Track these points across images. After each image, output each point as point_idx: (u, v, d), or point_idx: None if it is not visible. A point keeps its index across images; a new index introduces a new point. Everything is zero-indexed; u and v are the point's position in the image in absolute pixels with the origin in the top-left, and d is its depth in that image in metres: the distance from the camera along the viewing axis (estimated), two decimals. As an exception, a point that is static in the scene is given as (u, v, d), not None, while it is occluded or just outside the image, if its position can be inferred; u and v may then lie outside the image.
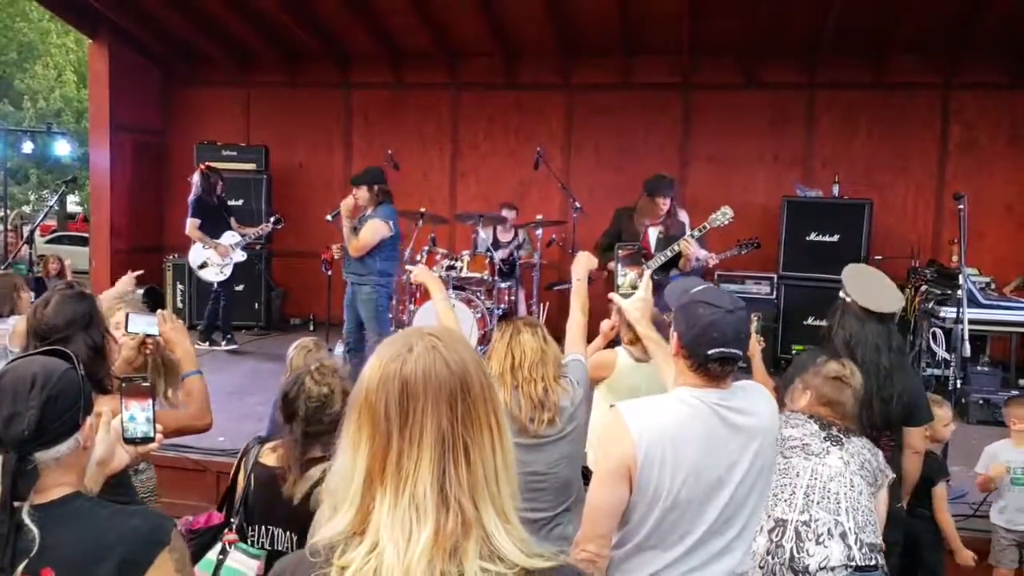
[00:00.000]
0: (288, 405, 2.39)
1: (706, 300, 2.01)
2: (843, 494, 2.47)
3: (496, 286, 6.83)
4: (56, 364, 1.52)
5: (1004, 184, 7.59)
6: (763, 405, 2.09)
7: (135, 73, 8.82)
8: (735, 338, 1.97)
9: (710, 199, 7.85)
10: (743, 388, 2.08)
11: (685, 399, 1.99)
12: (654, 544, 1.96)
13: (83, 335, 2.29)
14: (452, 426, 1.08)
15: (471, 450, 1.08)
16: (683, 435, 1.94)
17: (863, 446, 2.63)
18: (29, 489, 1.44)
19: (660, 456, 1.91)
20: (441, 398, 1.08)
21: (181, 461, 4.68)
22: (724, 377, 2.01)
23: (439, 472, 1.06)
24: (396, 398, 1.08)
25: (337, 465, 1.13)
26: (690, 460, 1.93)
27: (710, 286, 2.16)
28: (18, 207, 23.39)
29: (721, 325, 1.96)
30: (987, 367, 6.21)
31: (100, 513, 1.50)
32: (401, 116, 8.86)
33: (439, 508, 1.05)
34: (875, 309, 3.05)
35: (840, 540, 2.40)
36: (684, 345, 2.01)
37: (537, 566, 1.06)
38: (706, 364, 1.97)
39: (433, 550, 1.03)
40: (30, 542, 1.41)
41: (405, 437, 1.07)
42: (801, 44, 7.69)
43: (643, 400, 2.09)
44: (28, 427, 1.43)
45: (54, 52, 23.08)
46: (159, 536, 1.49)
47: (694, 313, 2.00)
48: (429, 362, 1.09)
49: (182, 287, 8.40)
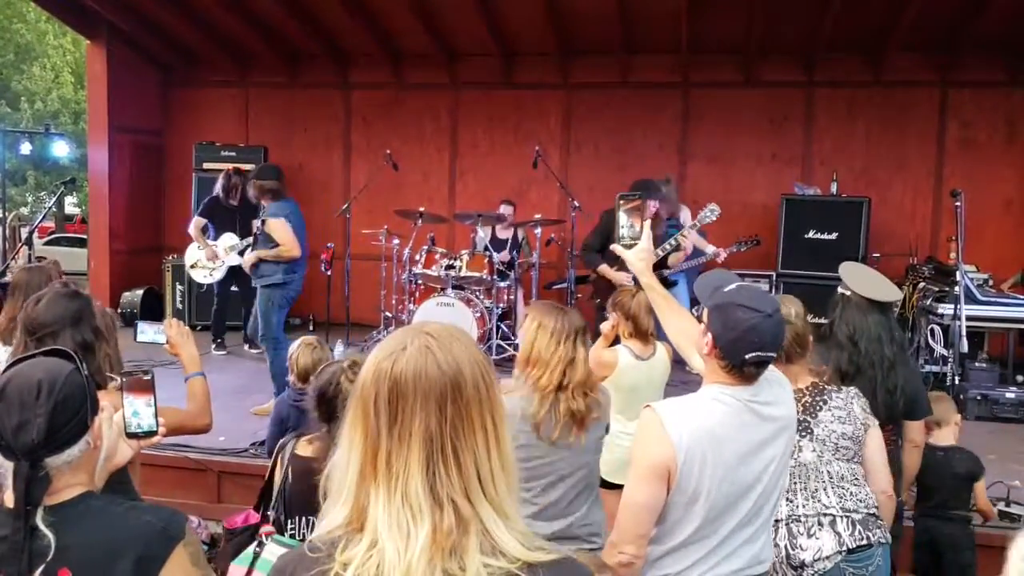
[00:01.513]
0: (326, 404, 2.38)
1: (745, 303, 1.96)
2: (822, 488, 2.49)
3: (495, 285, 6.84)
4: (60, 367, 1.50)
5: (1002, 181, 7.61)
6: (787, 395, 2.10)
7: (133, 74, 8.81)
8: (772, 342, 1.96)
9: (709, 197, 7.83)
10: (767, 380, 2.06)
11: (719, 397, 1.98)
12: (693, 541, 1.97)
13: (71, 331, 2.32)
14: (440, 428, 1.07)
15: (461, 453, 1.07)
16: (721, 434, 1.94)
17: (833, 416, 2.54)
18: (42, 494, 1.43)
19: (700, 457, 1.91)
20: (430, 399, 1.07)
21: (181, 461, 4.68)
22: (757, 377, 2.00)
23: (428, 472, 1.06)
24: (385, 397, 1.08)
25: (335, 458, 1.14)
26: (728, 458, 1.94)
27: (745, 284, 2.12)
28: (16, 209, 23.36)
29: (761, 330, 1.93)
30: (985, 363, 6.23)
31: (113, 511, 1.50)
32: (400, 116, 8.86)
33: (433, 507, 1.05)
34: (878, 298, 3.06)
35: (830, 528, 2.43)
36: (720, 347, 1.97)
37: (539, 559, 1.06)
38: (742, 367, 1.95)
39: (432, 548, 1.03)
40: (45, 546, 1.40)
41: (394, 436, 1.07)
42: (800, 42, 7.70)
43: (678, 400, 2.06)
44: (38, 435, 1.41)
45: (51, 53, 23.06)
46: (173, 531, 1.50)
47: (732, 316, 1.95)
48: (420, 362, 1.08)
49: (181, 288, 8.40)
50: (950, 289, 6.02)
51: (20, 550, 1.39)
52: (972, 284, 6.16)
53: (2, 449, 1.43)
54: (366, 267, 8.00)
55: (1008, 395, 5.83)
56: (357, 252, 7.75)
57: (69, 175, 12.30)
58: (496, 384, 1.14)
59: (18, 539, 1.39)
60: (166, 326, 2.66)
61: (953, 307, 5.36)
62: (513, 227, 7.52)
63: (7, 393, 1.45)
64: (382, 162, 7.75)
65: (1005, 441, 5.19)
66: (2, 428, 1.42)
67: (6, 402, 1.44)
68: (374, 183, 7.91)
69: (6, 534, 1.41)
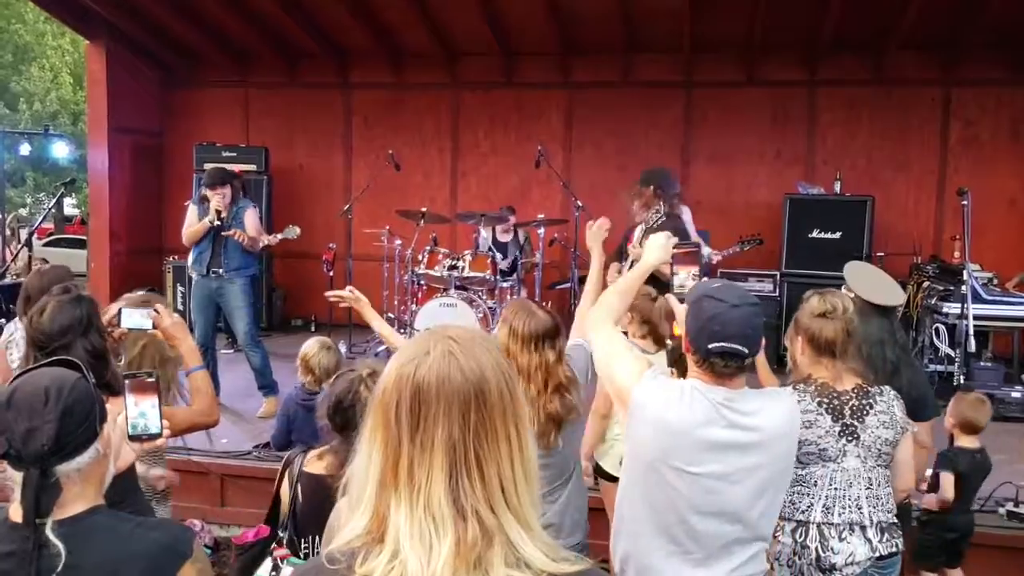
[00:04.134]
0: (342, 413, 2.27)
1: (712, 294, 1.99)
2: (863, 496, 2.46)
3: (498, 285, 6.82)
4: (67, 375, 1.49)
5: (1005, 180, 7.59)
6: (780, 410, 2.05)
7: (133, 74, 8.78)
8: (738, 333, 1.93)
9: (712, 197, 7.88)
10: (760, 393, 2.05)
11: (695, 385, 2.01)
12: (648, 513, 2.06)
13: (82, 341, 2.22)
14: (464, 436, 1.03)
15: (484, 462, 1.04)
16: (672, 417, 1.99)
17: (879, 422, 2.48)
18: (52, 503, 1.41)
19: (647, 418, 2.01)
20: (454, 407, 1.03)
21: (184, 464, 4.64)
22: (731, 375, 1.98)
23: (451, 482, 1.03)
24: (408, 404, 1.04)
25: (354, 466, 1.11)
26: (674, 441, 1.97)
27: (725, 282, 2.13)
28: (15, 210, 23.34)
29: (723, 319, 1.93)
30: (990, 362, 6.21)
31: (121, 527, 1.49)
32: (401, 116, 8.83)
33: (455, 518, 1.02)
34: (880, 303, 3.03)
35: (861, 533, 2.41)
36: (690, 339, 2.01)
37: (564, 571, 1.04)
38: (708, 358, 1.95)
39: (456, 561, 1.00)
40: (55, 558, 1.38)
41: (416, 444, 1.04)
42: (802, 41, 7.68)
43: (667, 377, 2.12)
44: (47, 441, 1.39)
45: (50, 54, 23.02)
46: (181, 549, 1.49)
47: (699, 306, 1.99)
48: (444, 369, 1.05)
49: (182, 289, 8.37)
50: (955, 288, 6.01)
51: (28, 563, 1.36)
52: (977, 283, 6.14)
53: (11, 458, 1.41)
54: (368, 268, 7.97)
55: (1014, 394, 5.81)
56: (359, 253, 7.73)
57: (68, 176, 12.26)
58: (519, 390, 1.10)
59: (26, 551, 1.36)
60: (157, 316, 2.52)
61: (958, 306, 5.34)
62: (514, 229, 7.49)
63: (15, 401, 1.43)
64: (383, 162, 7.73)
65: (1011, 441, 5.16)
66: (11, 436, 1.40)
67: (14, 410, 1.42)
68: (375, 184, 7.88)
69: (13, 548, 1.38)
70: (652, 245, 2.48)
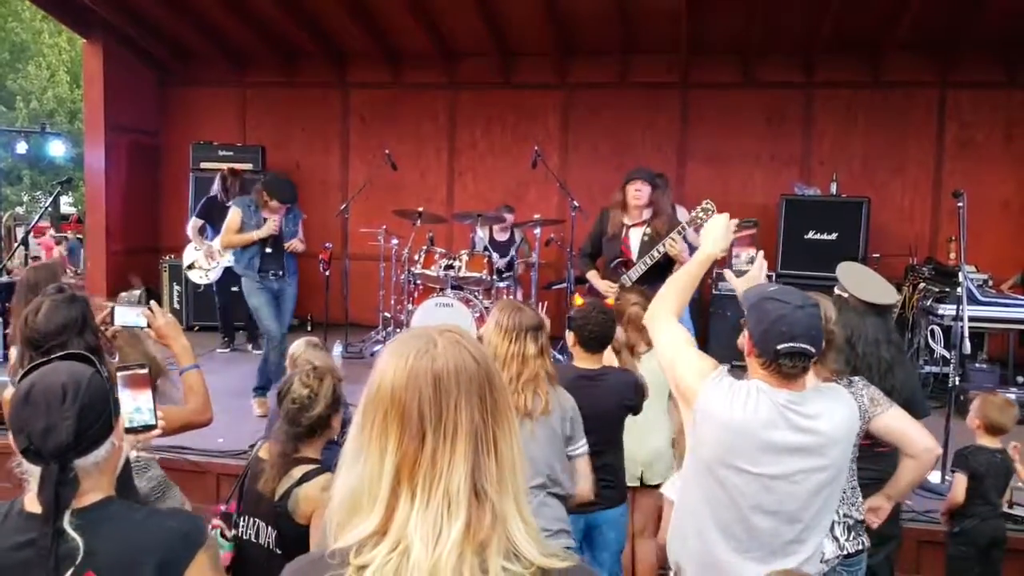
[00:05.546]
0: (280, 403, 2.43)
1: (774, 296, 2.02)
2: (829, 502, 2.47)
3: (494, 285, 6.82)
4: (82, 370, 1.51)
5: (1001, 182, 7.61)
6: (840, 415, 2.07)
7: (130, 73, 8.77)
8: (805, 333, 1.95)
9: (708, 197, 7.80)
10: (821, 392, 2.06)
11: (760, 388, 2.03)
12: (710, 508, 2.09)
13: (78, 340, 2.23)
14: (484, 419, 1.07)
15: (499, 442, 1.08)
16: (738, 419, 2.00)
17: None
18: (71, 497, 1.44)
19: (711, 419, 2.03)
20: (472, 391, 1.07)
21: (180, 463, 4.64)
22: (796, 376, 2.00)
23: (472, 466, 1.05)
24: (430, 395, 1.06)
25: (356, 473, 1.08)
26: (737, 443, 1.99)
27: (784, 286, 2.16)
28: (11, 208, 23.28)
29: (789, 319, 1.95)
30: (985, 364, 6.23)
31: (135, 516, 1.52)
32: (398, 116, 8.83)
33: (471, 502, 1.04)
34: (874, 301, 3.05)
35: (829, 533, 2.43)
36: (755, 341, 2.01)
37: (553, 566, 1.06)
38: (776, 360, 1.97)
39: (464, 543, 1.02)
40: (73, 548, 1.41)
41: (440, 433, 1.06)
42: (798, 43, 7.70)
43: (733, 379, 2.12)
44: (67, 437, 1.42)
45: (47, 52, 22.98)
46: (196, 536, 1.52)
47: (763, 309, 2.01)
48: (458, 356, 1.08)
49: (178, 288, 8.37)
50: (950, 290, 6.03)
51: (48, 554, 1.39)
52: (972, 284, 6.15)
53: (30, 453, 1.43)
54: (365, 267, 7.98)
55: (1009, 396, 5.81)
56: (355, 252, 7.73)
57: (65, 174, 12.25)
58: None
59: (46, 543, 1.39)
60: (150, 314, 2.51)
61: (953, 307, 5.35)
62: (511, 229, 7.50)
63: (32, 398, 1.44)
64: (380, 162, 7.73)
65: (1007, 443, 5.17)
66: (30, 432, 1.42)
67: (32, 407, 1.44)
68: (372, 183, 7.88)
69: (32, 538, 1.41)
70: (714, 231, 2.36)
